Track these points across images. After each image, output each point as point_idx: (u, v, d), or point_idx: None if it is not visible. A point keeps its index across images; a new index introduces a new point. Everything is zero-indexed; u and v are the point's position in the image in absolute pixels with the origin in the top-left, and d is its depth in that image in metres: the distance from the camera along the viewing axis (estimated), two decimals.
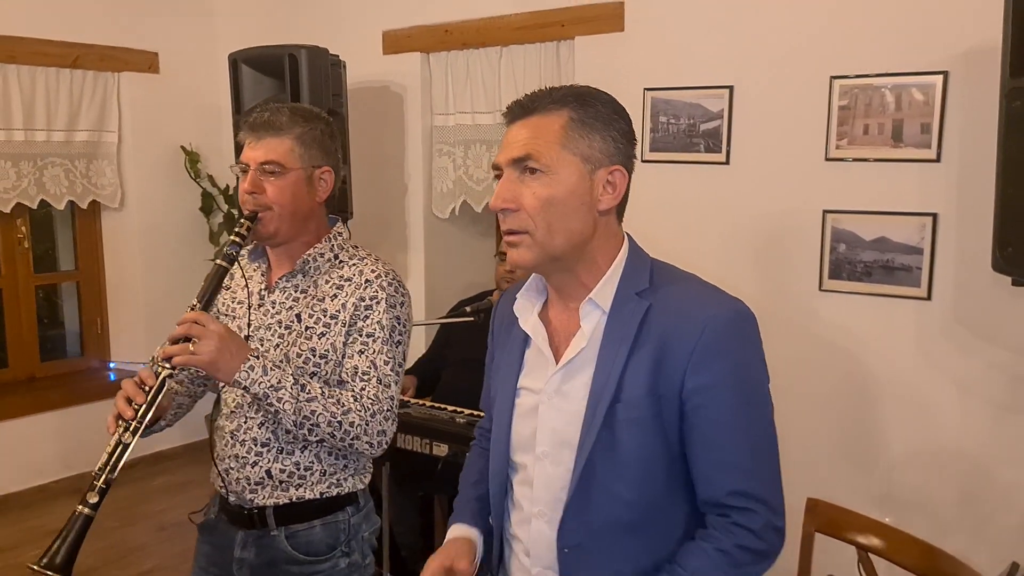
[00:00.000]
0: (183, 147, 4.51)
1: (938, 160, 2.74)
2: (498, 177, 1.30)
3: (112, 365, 4.60)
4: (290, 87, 3.37)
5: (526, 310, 1.38)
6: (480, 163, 3.86)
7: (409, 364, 3.59)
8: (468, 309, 3.00)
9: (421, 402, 3.23)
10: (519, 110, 1.30)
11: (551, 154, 1.24)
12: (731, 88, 3.09)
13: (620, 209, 1.33)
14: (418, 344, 3.80)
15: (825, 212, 2.95)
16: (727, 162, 3.12)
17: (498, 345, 1.48)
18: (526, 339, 1.38)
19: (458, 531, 1.44)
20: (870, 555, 1.88)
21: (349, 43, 3.86)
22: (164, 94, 4.47)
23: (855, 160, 2.88)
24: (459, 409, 3.07)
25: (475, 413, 3.01)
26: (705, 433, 1.24)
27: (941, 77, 2.71)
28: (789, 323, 2.99)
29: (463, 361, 3.37)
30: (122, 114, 4.40)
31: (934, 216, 2.76)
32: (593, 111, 1.28)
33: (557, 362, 1.32)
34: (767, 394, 1.27)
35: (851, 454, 2.96)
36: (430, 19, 3.85)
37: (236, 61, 3.54)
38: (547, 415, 1.32)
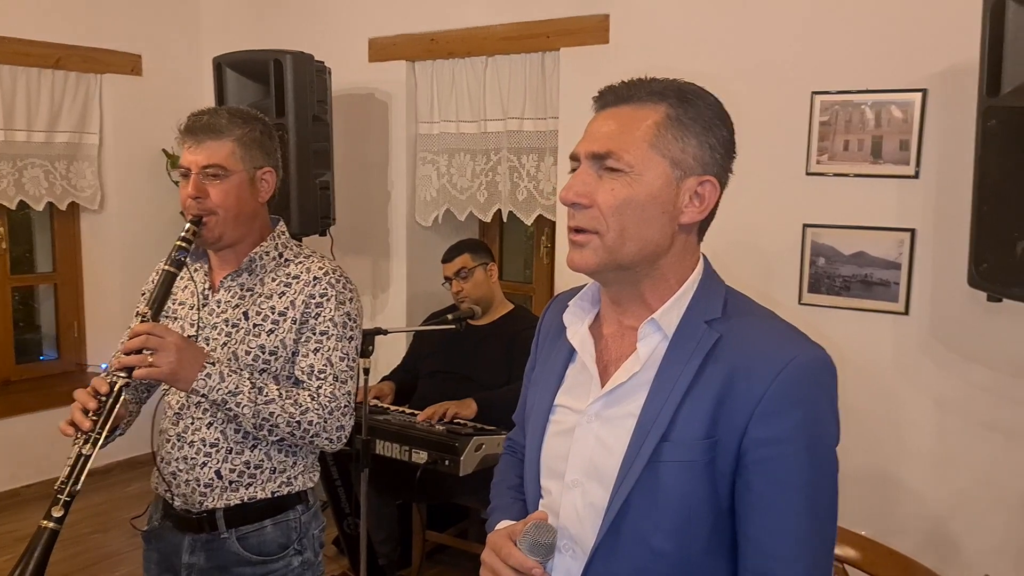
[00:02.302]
0: (165, 150, 4.48)
1: (916, 177, 2.77)
2: (575, 169, 1.17)
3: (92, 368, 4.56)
4: (275, 92, 3.36)
5: (576, 321, 1.25)
6: (464, 172, 3.87)
7: (387, 371, 3.62)
8: (450, 317, 3.01)
9: (401, 409, 3.23)
10: (612, 97, 1.16)
11: (636, 153, 1.11)
12: None
13: (703, 226, 1.20)
14: (399, 349, 3.79)
15: (805, 226, 2.97)
16: None
17: (540, 356, 1.35)
18: (571, 352, 1.25)
19: (506, 524, 1.27)
20: (847, 567, 1.90)
21: (335, 50, 3.87)
22: (147, 97, 4.44)
23: (835, 175, 2.91)
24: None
25: (456, 421, 3.01)
26: (762, 492, 1.09)
27: (920, 95, 2.74)
28: None
29: (434, 373, 3.38)
30: (104, 116, 4.37)
31: (912, 232, 2.79)
32: (694, 111, 1.14)
33: (603, 383, 1.19)
34: (835, 456, 1.13)
35: None
36: (416, 28, 3.86)
37: (220, 65, 3.53)
38: (583, 440, 1.18)
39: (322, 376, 1.76)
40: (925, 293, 2.79)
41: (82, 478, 1.55)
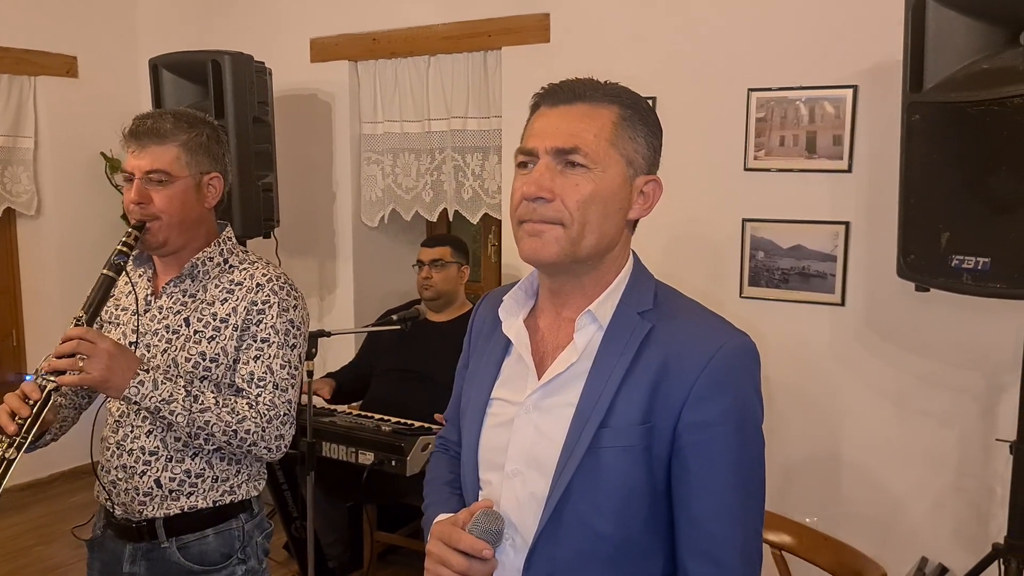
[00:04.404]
0: (103, 154, 4.39)
1: (849, 171, 2.84)
2: (523, 164, 1.19)
3: (28, 379, 4.44)
4: (213, 94, 3.31)
5: (511, 314, 1.27)
6: (409, 171, 3.86)
7: (334, 369, 3.59)
8: (395, 318, 3.00)
9: (348, 410, 3.22)
10: (565, 94, 1.18)
11: (599, 150, 1.15)
12: (654, 99, 3.15)
13: (635, 222, 1.25)
14: (348, 352, 3.77)
15: (744, 221, 3.03)
16: None
17: (474, 351, 1.37)
18: (507, 345, 1.28)
19: (446, 517, 1.27)
20: (784, 553, 1.94)
21: (276, 50, 3.83)
22: (83, 99, 4.35)
23: (772, 171, 2.97)
24: (386, 417, 3.06)
25: (403, 421, 3.01)
26: (698, 473, 1.14)
27: (851, 91, 2.81)
28: None
29: (388, 371, 3.37)
30: (39, 119, 4.26)
31: (846, 225, 2.86)
32: (641, 114, 1.20)
33: (539, 374, 1.22)
34: (762, 435, 1.21)
35: (767, 458, 3.03)
36: (358, 27, 3.84)
37: (157, 66, 3.47)
38: (523, 430, 1.21)
39: (262, 384, 1.74)
40: (860, 284, 2.86)
41: (3, 482, 1.51)
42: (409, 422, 2.99)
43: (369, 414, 3.12)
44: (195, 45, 3.65)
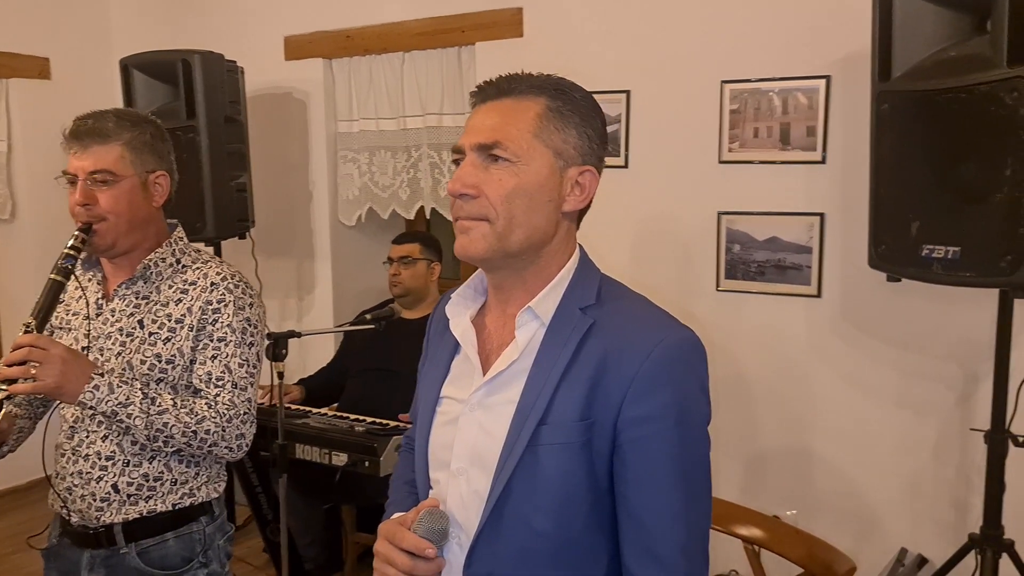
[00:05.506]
0: None
1: (823, 162, 2.83)
2: (457, 162, 1.19)
3: None
4: (184, 93, 3.28)
5: (459, 312, 1.27)
6: (385, 169, 3.83)
7: (313, 368, 3.57)
8: (368, 317, 2.97)
9: (322, 411, 3.20)
10: (492, 91, 1.19)
11: (522, 143, 1.14)
12: (628, 92, 3.14)
13: (582, 214, 1.24)
14: (327, 353, 3.74)
15: (720, 214, 3.01)
16: (626, 165, 3.17)
17: (431, 350, 1.37)
18: (456, 344, 1.27)
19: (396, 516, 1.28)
20: (756, 547, 1.93)
21: (250, 49, 3.80)
22: (57, 101, 4.28)
23: (746, 163, 2.95)
24: (361, 418, 3.04)
25: (377, 421, 2.99)
26: (637, 470, 1.12)
27: (824, 81, 2.80)
28: (689, 324, 3.04)
29: (363, 371, 3.35)
30: (11, 122, 4.23)
31: (821, 216, 2.85)
32: (572, 103, 1.18)
33: (485, 372, 1.21)
34: (707, 434, 1.17)
35: (744, 451, 3.03)
36: (331, 25, 3.81)
37: (127, 67, 3.44)
38: (467, 428, 1.21)
39: (220, 383, 1.73)
40: (835, 275, 2.85)
41: None
42: (384, 422, 2.96)
43: (344, 415, 3.10)
44: (168, 45, 3.61)
